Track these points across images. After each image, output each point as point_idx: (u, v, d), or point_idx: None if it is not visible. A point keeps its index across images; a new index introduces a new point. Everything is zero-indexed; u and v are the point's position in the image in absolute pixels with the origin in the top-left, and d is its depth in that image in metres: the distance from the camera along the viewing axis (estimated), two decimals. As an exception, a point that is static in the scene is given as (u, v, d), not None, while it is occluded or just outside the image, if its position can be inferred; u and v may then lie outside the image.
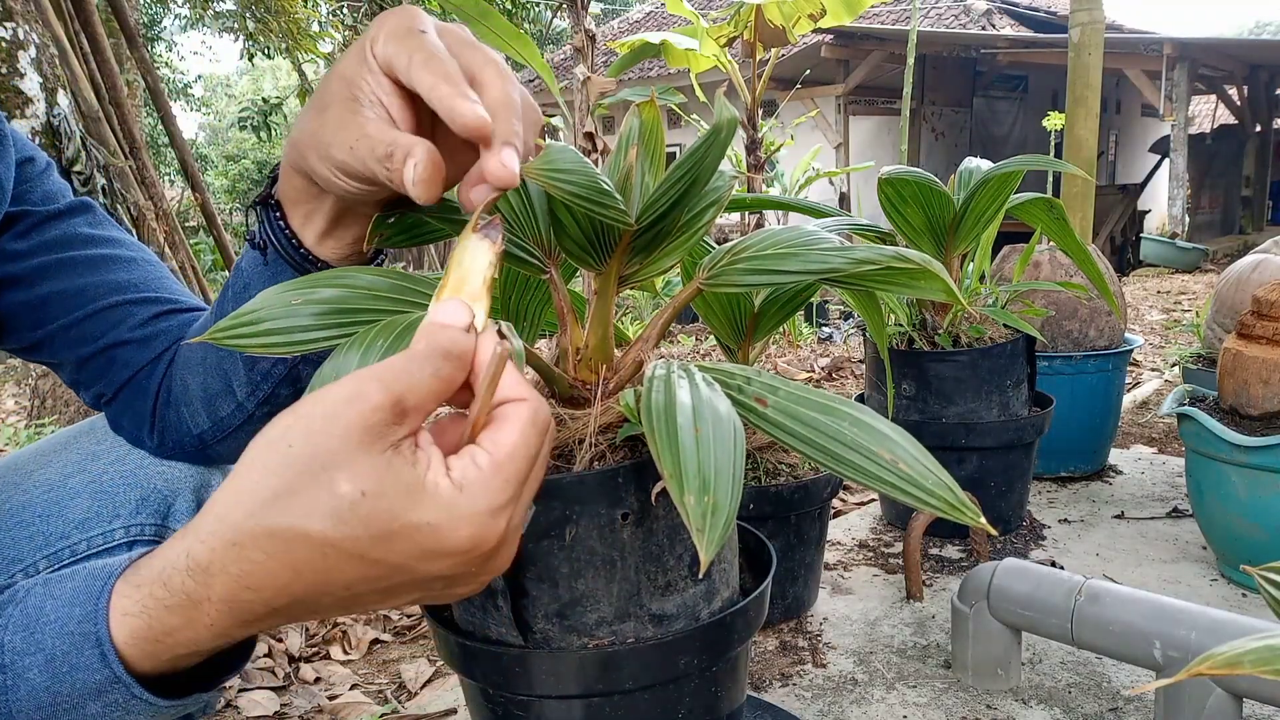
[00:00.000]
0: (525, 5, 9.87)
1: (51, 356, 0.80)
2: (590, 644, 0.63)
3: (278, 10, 6.00)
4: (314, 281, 0.57)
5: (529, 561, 0.61)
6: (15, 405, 4.02)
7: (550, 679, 0.63)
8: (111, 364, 0.80)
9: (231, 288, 0.73)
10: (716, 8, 10.26)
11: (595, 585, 0.62)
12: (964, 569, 1.51)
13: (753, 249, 0.64)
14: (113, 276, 0.80)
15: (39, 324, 0.78)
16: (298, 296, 0.56)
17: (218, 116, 24.08)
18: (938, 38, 9.61)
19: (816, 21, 3.29)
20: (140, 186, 2.94)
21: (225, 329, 0.55)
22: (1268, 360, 1.34)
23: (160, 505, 0.80)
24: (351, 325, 0.55)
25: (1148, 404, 2.68)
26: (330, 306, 0.56)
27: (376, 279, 0.58)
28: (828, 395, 0.55)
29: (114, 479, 0.80)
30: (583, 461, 0.61)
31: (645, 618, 0.64)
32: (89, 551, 0.77)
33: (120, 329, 0.79)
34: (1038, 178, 7.58)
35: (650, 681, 0.64)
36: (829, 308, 5.57)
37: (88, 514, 0.78)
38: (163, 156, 12.93)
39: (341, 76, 0.55)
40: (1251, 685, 0.88)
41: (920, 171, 1.32)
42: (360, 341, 0.51)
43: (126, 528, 0.78)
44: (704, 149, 0.59)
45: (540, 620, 0.63)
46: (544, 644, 0.63)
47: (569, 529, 0.61)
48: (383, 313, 0.56)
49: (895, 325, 1.60)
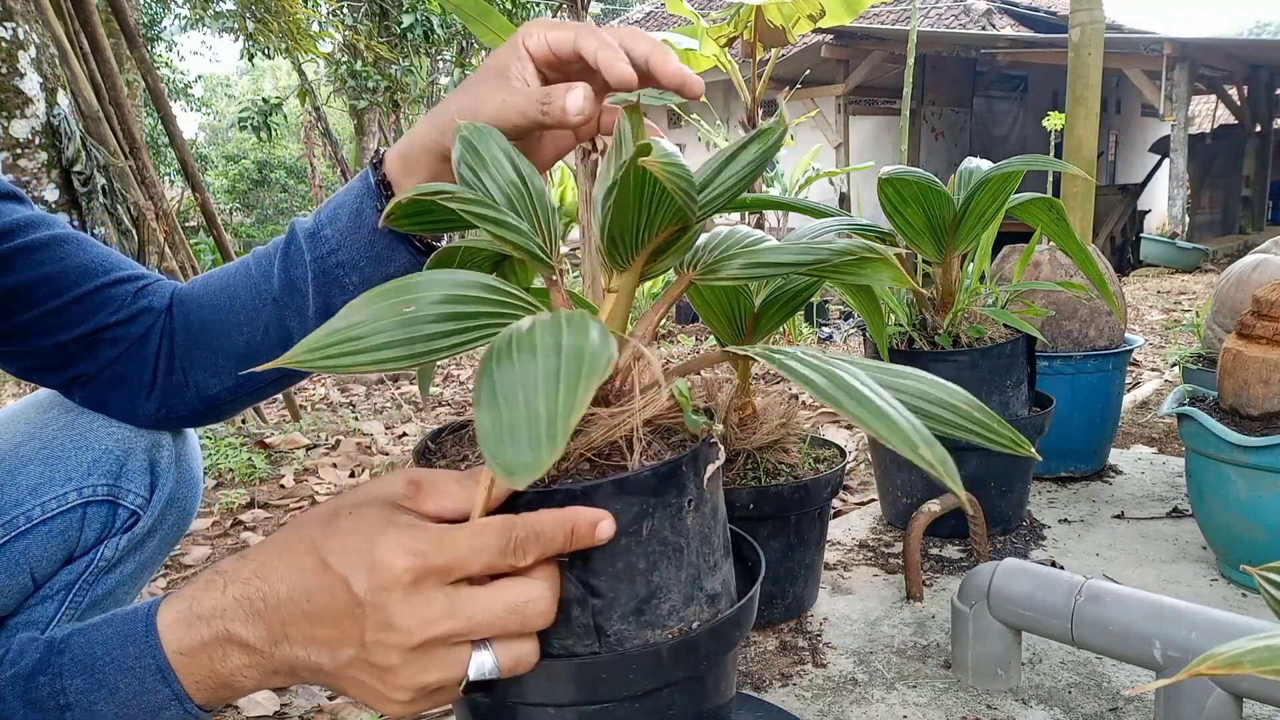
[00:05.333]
0: (525, 5, 9.87)
1: (19, 345, 0.79)
2: (665, 635, 0.63)
3: (278, 10, 6.00)
4: (407, 288, 0.53)
5: (608, 563, 0.60)
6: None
7: (631, 677, 0.62)
8: (96, 345, 0.80)
9: (311, 251, 0.77)
10: (716, 8, 10.27)
11: (668, 575, 0.63)
12: (964, 569, 1.51)
13: (737, 244, 0.66)
14: (75, 260, 0.80)
15: (7, 315, 0.77)
16: (405, 304, 0.51)
17: (218, 116, 24.08)
18: (938, 38, 9.61)
19: (816, 21, 3.29)
20: (140, 186, 2.94)
21: (320, 348, 0.49)
22: (1268, 360, 1.34)
23: (112, 465, 0.81)
24: (472, 329, 0.52)
25: (1148, 404, 2.68)
26: (443, 312, 0.52)
27: (463, 277, 0.56)
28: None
29: (64, 443, 0.81)
30: (637, 456, 0.61)
31: (703, 599, 0.66)
32: (43, 516, 0.78)
33: (104, 313, 0.80)
34: (1038, 178, 7.58)
35: (723, 658, 0.67)
36: (829, 308, 5.57)
37: (40, 480, 0.78)
38: (163, 156, 12.93)
39: (491, 66, 0.68)
40: (1251, 685, 0.88)
41: (920, 171, 1.32)
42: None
43: (79, 489, 0.80)
44: (766, 152, 0.65)
45: (616, 622, 0.61)
46: (617, 645, 0.61)
47: (646, 523, 0.61)
48: (493, 315, 0.54)
49: (895, 325, 1.60)
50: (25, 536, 0.77)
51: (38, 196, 2.55)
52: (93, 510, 0.80)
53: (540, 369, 0.46)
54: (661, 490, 0.61)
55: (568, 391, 0.44)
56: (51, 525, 0.78)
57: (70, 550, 0.81)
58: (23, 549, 0.77)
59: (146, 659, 0.55)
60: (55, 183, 2.56)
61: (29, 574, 0.78)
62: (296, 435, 2.96)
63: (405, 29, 9.31)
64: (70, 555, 0.81)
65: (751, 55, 3.44)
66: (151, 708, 0.56)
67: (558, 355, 0.46)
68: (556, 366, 0.46)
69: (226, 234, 3.57)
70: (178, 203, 9.16)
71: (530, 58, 0.67)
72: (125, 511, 0.82)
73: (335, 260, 0.76)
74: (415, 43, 9.63)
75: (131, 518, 0.83)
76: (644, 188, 0.57)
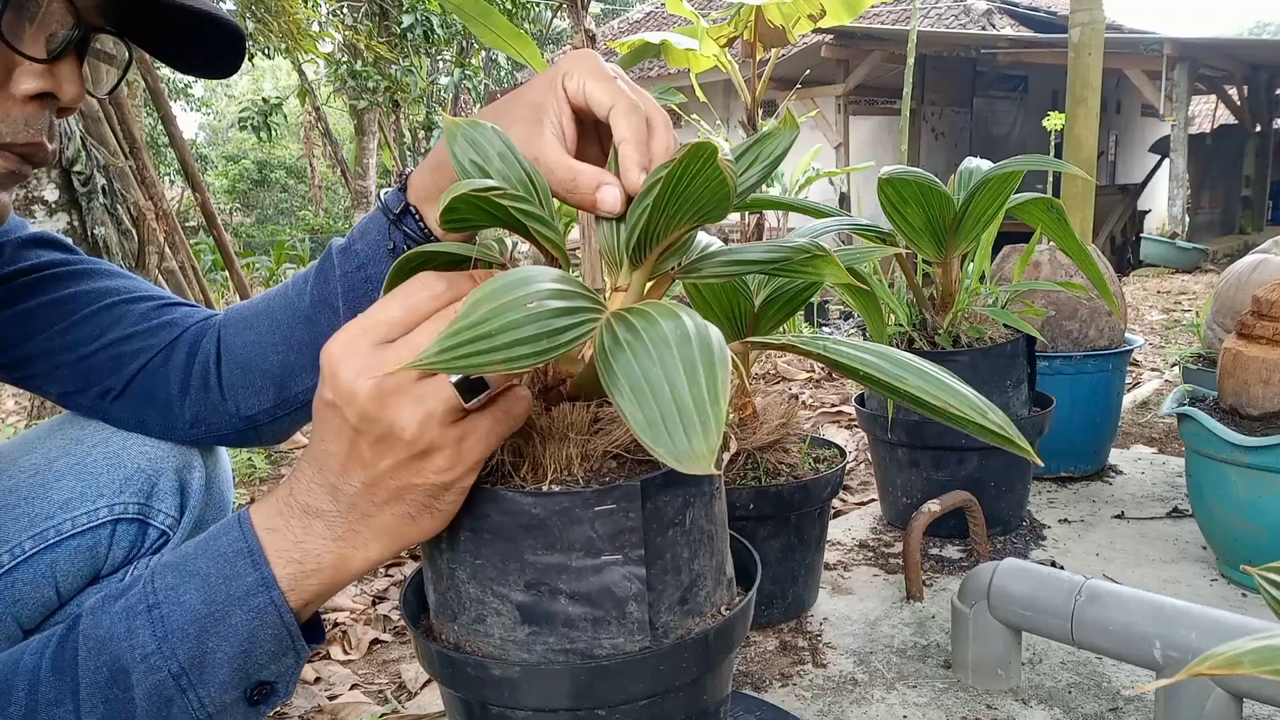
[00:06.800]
0: (525, 5, 9.87)
1: (45, 364, 0.81)
2: (704, 621, 0.63)
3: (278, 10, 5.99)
4: (517, 284, 0.50)
5: (656, 556, 0.60)
6: (15, 405, 4.02)
7: (684, 666, 0.62)
8: (119, 358, 0.81)
9: (341, 265, 0.77)
10: (717, 8, 10.27)
11: (704, 562, 0.63)
12: (964, 569, 1.51)
13: (711, 248, 0.69)
14: (99, 284, 0.82)
15: (28, 336, 0.79)
16: (527, 299, 0.49)
17: (218, 116, 24.08)
18: (938, 38, 9.60)
19: (816, 22, 3.29)
20: (140, 186, 2.94)
21: (450, 348, 0.46)
22: (1268, 360, 1.34)
23: (144, 484, 0.82)
24: (582, 323, 0.52)
25: (1148, 404, 2.68)
26: (557, 307, 0.50)
27: (555, 272, 0.55)
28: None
29: (98, 460, 0.81)
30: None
31: (725, 583, 0.66)
32: (73, 531, 0.78)
33: (121, 325, 0.81)
34: (1038, 178, 7.58)
35: (740, 643, 0.67)
36: (829, 308, 5.56)
37: (72, 494, 0.79)
38: (163, 156, 12.93)
39: (529, 101, 0.67)
40: (1251, 685, 0.88)
41: (920, 171, 1.32)
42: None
43: (110, 506, 0.80)
44: (782, 151, 0.67)
45: (664, 613, 0.61)
46: (664, 636, 0.61)
47: (689, 513, 0.62)
48: (589, 309, 0.53)
49: (895, 325, 1.60)
50: (54, 550, 0.77)
51: (38, 196, 2.54)
52: (122, 528, 0.80)
53: (678, 357, 0.47)
54: (698, 479, 0.61)
55: (709, 377, 0.46)
56: (80, 540, 0.78)
57: (98, 568, 0.80)
58: (50, 562, 0.77)
59: (236, 538, 0.58)
60: (55, 183, 2.56)
61: (54, 588, 0.78)
62: (298, 436, 2.95)
63: (405, 29, 9.30)
64: (97, 574, 0.81)
65: (751, 55, 3.44)
66: (238, 595, 0.57)
67: (689, 344, 0.48)
68: (692, 354, 0.47)
69: (226, 234, 3.57)
70: (178, 203, 9.16)
71: (569, 101, 0.66)
72: (155, 532, 0.82)
73: (364, 274, 0.77)
74: (415, 43, 9.63)
75: (161, 538, 0.83)
76: (679, 186, 0.57)
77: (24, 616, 0.77)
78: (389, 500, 0.57)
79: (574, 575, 0.58)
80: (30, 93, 0.63)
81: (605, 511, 0.58)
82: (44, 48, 0.63)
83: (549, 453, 0.61)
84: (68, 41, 0.64)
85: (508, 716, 0.63)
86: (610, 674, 0.59)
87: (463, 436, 0.55)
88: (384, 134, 11.05)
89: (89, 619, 0.58)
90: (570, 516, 0.58)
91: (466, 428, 0.55)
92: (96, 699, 0.56)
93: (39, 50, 0.63)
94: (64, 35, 0.64)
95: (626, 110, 0.64)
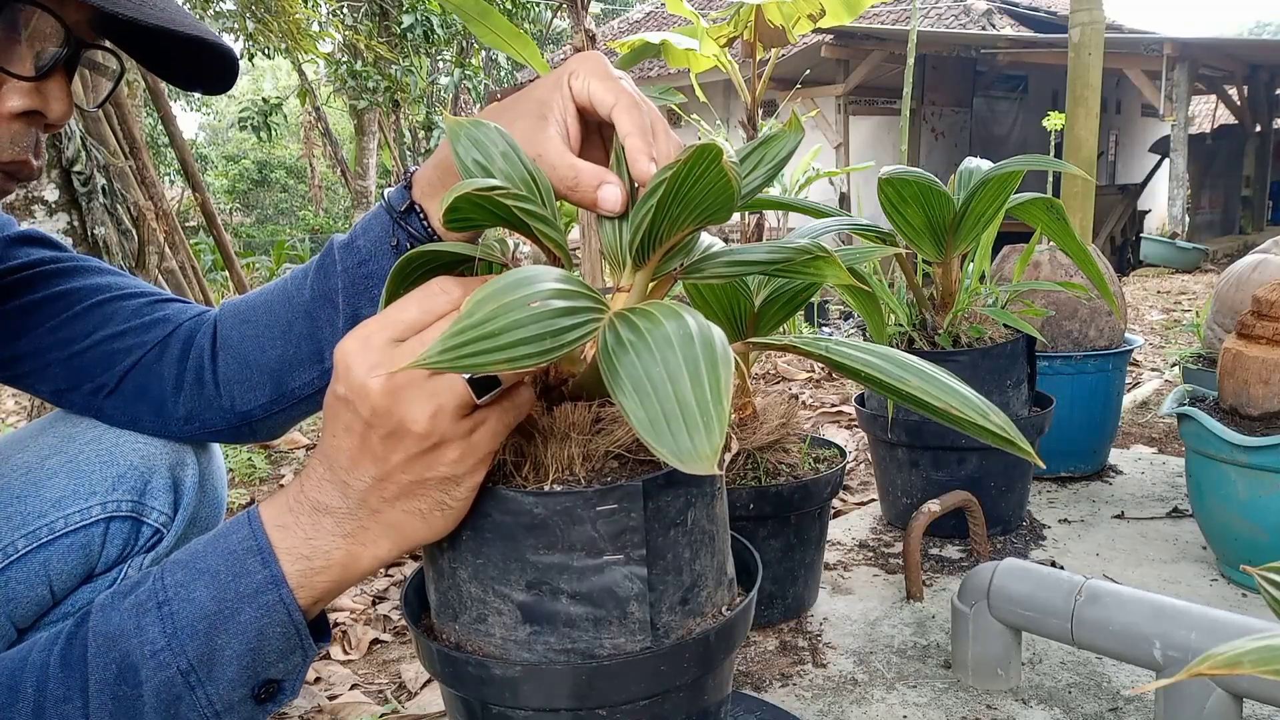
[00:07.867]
0: (525, 5, 9.86)
1: (36, 362, 0.80)
2: (704, 621, 0.63)
3: (278, 10, 5.99)
4: (520, 283, 0.50)
5: (657, 556, 0.60)
6: (15, 405, 4.02)
7: (685, 666, 0.62)
8: (111, 355, 0.81)
9: (343, 261, 0.77)
10: (716, 8, 10.27)
11: (706, 562, 0.63)
12: (964, 569, 1.51)
13: (714, 249, 0.69)
14: (90, 281, 0.82)
15: (18, 334, 0.79)
16: (530, 299, 0.48)
17: (218, 116, 24.07)
18: (938, 38, 9.61)
19: (816, 21, 3.29)
20: (140, 186, 2.95)
21: (453, 347, 0.46)
22: (1268, 360, 1.34)
23: (137, 482, 0.81)
24: (584, 323, 0.51)
25: (1148, 404, 2.68)
26: (560, 307, 0.50)
27: (557, 272, 0.55)
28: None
29: (90, 458, 0.81)
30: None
31: (726, 583, 0.66)
32: (66, 529, 0.78)
33: (113, 322, 0.81)
34: (1038, 178, 7.58)
35: (740, 642, 0.67)
36: (829, 308, 5.56)
37: (64, 493, 0.79)
38: (163, 156, 12.94)
39: (535, 98, 0.67)
40: (1251, 685, 0.88)
41: (920, 171, 1.32)
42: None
43: (103, 504, 0.80)
44: (787, 154, 0.68)
45: (665, 613, 0.61)
46: (665, 636, 0.62)
47: (691, 513, 0.62)
48: (592, 309, 0.53)
49: (895, 325, 1.60)
50: (47, 548, 0.77)
51: (38, 196, 2.54)
52: (115, 526, 0.80)
53: (680, 356, 0.47)
54: (700, 479, 0.62)
55: (712, 376, 0.46)
56: (74, 538, 0.78)
57: (91, 566, 0.80)
58: (43, 560, 0.77)
59: (246, 535, 0.59)
60: (55, 182, 2.55)
61: (48, 587, 0.78)
62: (296, 435, 2.96)
63: (405, 29, 9.30)
64: (91, 572, 0.81)
65: (751, 55, 3.44)
66: (247, 592, 0.57)
67: (691, 344, 0.48)
68: (695, 354, 0.47)
69: (226, 234, 3.57)
70: (178, 203, 9.16)
71: (573, 99, 0.67)
72: (149, 529, 0.82)
73: (365, 271, 0.77)
74: (415, 43, 9.62)
75: (155, 536, 0.83)
76: (683, 187, 0.57)
77: (18, 615, 0.77)
78: (399, 495, 0.57)
79: (575, 575, 0.58)
80: (17, 110, 0.63)
81: (607, 511, 0.58)
82: (32, 65, 0.63)
83: (551, 452, 0.61)
84: (56, 59, 0.64)
85: (509, 716, 0.63)
86: (611, 674, 0.60)
87: (472, 429, 0.56)
88: (384, 134, 11.05)
89: (98, 615, 0.58)
90: (572, 516, 0.58)
91: (476, 420, 0.56)
92: (105, 695, 0.56)
93: (27, 68, 0.62)
94: (53, 53, 0.64)
95: (629, 106, 0.64)
